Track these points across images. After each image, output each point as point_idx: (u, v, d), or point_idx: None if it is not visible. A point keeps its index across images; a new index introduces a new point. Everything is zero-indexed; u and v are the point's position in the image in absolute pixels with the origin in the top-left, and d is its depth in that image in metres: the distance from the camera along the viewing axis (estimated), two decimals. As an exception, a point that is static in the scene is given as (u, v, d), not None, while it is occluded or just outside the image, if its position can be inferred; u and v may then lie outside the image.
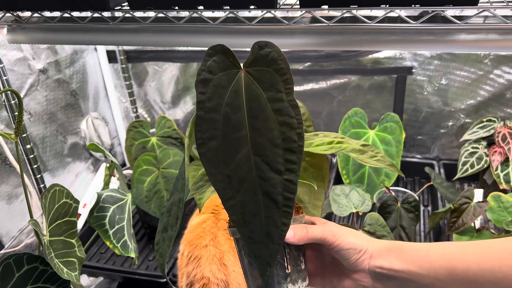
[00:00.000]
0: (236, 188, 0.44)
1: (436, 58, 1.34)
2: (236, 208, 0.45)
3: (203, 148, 0.44)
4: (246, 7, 0.71)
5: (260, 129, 0.44)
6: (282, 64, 0.45)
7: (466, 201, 1.03)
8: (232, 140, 0.44)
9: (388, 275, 0.50)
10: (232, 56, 0.45)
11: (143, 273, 1.18)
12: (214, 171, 0.44)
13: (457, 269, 0.46)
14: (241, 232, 0.45)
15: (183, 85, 1.59)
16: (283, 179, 0.45)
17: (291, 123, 0.45)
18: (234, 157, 0.44)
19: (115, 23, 0.81)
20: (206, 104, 0.44)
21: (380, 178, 1.27)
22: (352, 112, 1.30)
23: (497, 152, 1.15)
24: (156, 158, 1.26)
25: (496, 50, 1.17)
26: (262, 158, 0.44)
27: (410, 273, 0.49)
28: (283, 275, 0.49)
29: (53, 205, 0.75)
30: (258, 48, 0.45)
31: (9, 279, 0.68)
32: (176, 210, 0.46)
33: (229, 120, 0.44)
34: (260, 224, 0.45)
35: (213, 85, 0.44)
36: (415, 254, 0.49)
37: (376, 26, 0.69)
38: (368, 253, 0.51)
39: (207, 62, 0.44)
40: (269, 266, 0.45)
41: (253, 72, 0.45)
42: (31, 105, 1.23)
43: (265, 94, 0.45)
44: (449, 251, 0.48)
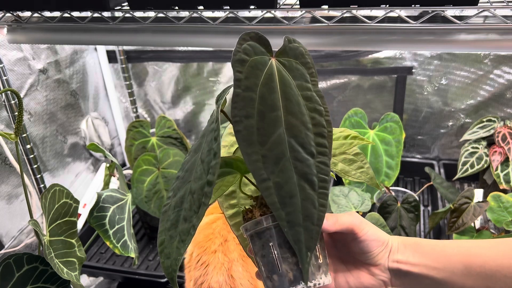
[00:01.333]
0: (271, 169, 0.43)
1: (436, 58, 1.34)
2: (272, 190, 0.43)
3: (239, 126, 0.44)
4: (246, 7, 0.71)
5: (293, 111, 0.45)
6: (308, 59, 0.47)
7: (466, 201, 1.03)
8: (268, 119, 0.44)
9: (404, 270, 0.50)
10: (265, 43, 0.46)
11: (143, 273, 1.18)
12: (250, 150, 0.43)
13: (474, 264, 0.47)
14: (278, 215, 0.43)
15: (183, 85, 1.59)
16: (316, 162, 0.45)
17: (320, 110, 0.46)
18: (269, 137, 0.44)
19: (115, 23, 0.81)
20: (243, 82, 0.44)
21: (380, 178, 1.27)
22: (352, 112, 1.30)
23: (497, 152, 1.15)
24: (156, 158, 1.26)
25: (496, 50, 1.17)
26: (296, 139, 0.44)
27: (426, 267, 0.49)
28: (316, 265, 0.46)
29: (53, 205, 0.75)
30: (287, 41, 0.48)
31: (9, 279, 0.68)
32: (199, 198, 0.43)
33: (265, 100, 0.44)
34: (297, 206, 0.43)
35: (249, 66, 0.45)
36: (432, 249, 0.50)
37: (376, 26, 0.69)
38: (389, 246, 0.51)
39: (242, 45, 0.45)
40: (309, 251, 0.43)
41: (283, 61, 0.47)
42: (31, 105, 1.23)
43: (295, 82, 0.46)
44: (466, 246, 0.49)
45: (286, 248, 0.46)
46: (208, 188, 0.42)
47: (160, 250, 0.46)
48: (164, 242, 0.46)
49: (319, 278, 0.46)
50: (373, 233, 0.50)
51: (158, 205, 1.25)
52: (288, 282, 0.46)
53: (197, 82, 1.57)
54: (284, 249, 0.46)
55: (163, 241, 0.46)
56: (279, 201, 0.43)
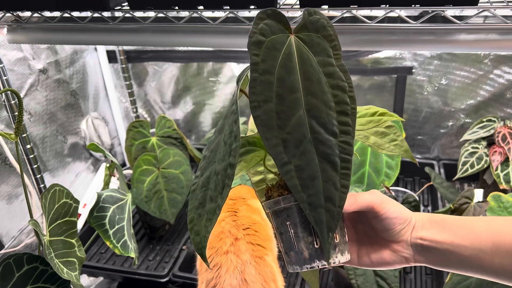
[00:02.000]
0: (292, 152, 0.43)
1: (436, 58, 1.34)
2: (293, 173, 0.43)
3: (258, 111, 0.43)
4: (246, 7, 0.71)
5: (314, 91, 0.44)
6: (330, 31, 0.45)
7: (466, 201, 1.03)
8: (287, 102, 0.43)
9: (429, 246, 0.49)
10: (283, 20, 0.45)
11: (143, 273, 1.18)
12: (269, 135, 0.43)
13: (504, 242, 0.46)
14: (299, 197, 0.43)
15: (183, 85, 1.59)
16: (338, 141, 0.44)
17: (342, 86, 0.45)
18: (289, 120, 0.43)
19: (115, 23, 0.81)
20: (259, 66, 0.43)
21: (380, 178, 1.27)
22: (352, 112, 1.30)
23: (497, 152, 1.15)
24: (156, 158, 1.26)
25: (496, 50, 1.17)
26: (317, 120, 0.44)
27: (453, 244, 0.48)
28: (332, 245, 0.47)
29: (53, 205, 0.75)
30: (307, 14, 0.45)
31: (9, 279, 0.68)
32: (222, 179, 0.43)
33: (283, 82, 0.43)
34: (319, 187, 0.43)
35: (266, 47, 0.43)
36: (460, 226, 0.49)
37: (376, 26, 0.69)
38: (412, 223, 0.50)
39: (258, 25, 0.44)
40: (331, 232, 0.43)
41: (303, 37, 0.45)
42: (31, 105, 1.23)
43: (316, 58, 0.45)
44: (496, 224, 0.48)
45: (302, 228, 0.47)
46: (231, 170, 0.42)
47: (190, 227, 0.47)
48: (194, 220, 0.47)
49: (335, 257, 0.47)
50: (394, 210, 0.49)
51: (158, 205, 1.25)
52: (303, 260, 0.47)
53: (197, 82, 1.57)
54: (300, 228, 0.47)
55: (193, 218, 0.47)
56: (300, 184, 0.43)
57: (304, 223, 0.47)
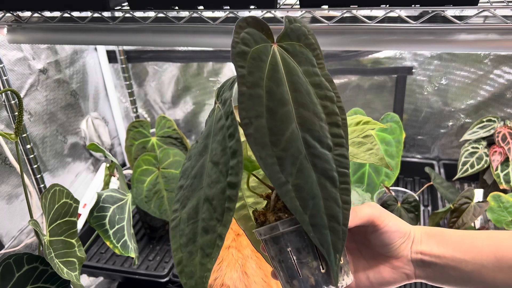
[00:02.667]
0: (288, 170, 0.39)
1: (436, 58, 1.34)
2: (292, 194, 0.39)
3: (250, 128, 0.39)
4: (246, 7, 0.71)
5: (304, 103, 0.41)
6: (312, 39, 0.43)
7: (466, 201, 1.03)
8: (279, 116, 0.40)
9: (429, 261, 0.47)
10: (264, 28, 0.42)
11: (143, 273, 1.18)
12: (264, 153, 0.39)
13: (507, 257, 0.45)
14: (301, 219, 0.40)
15: (183, 85, 1.59)
16: (334, 155, 0.41)
17: (331, 96, 0.42)
18: (282, 136, 0.40)
19: (115, 23, 0.81)
20: (247, 78, 0.39)
21: (380, 178, 1.27)
22: (352, 112, 1.30)
23: (497, 152, 1.15)
24: (156, 158, 1.26)
25: (496, 50, 1.17)
26: (311, 133, 0.41)
27: (454, 259, 0.46)
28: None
29: (53, 205, 0.75)
30: (288, 22, 0.44)
31: (9, 279, 0.68)
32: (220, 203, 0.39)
33: (273, 95, 0.40)
34: (320, 206, 0.40)
35: (251, 58, 0.40)
36: (459, 240, 0.47)
37: (376, 26, 0.69)
38: (411, 237, 0.48)
39: (240, 34, 0.41)
40: (338, 253, 0.40)
41: (286, 46, 0.43)
42: (31, 105, 1.23)
43: (301, 68, 0.42)
44: (497, 237, 0.46)
45: (305, 253, 0.44)
46: (232, 190, 0.39)
47: (179, 270, 0.41)
48: (183, 261, 0.40)
49: (342, 279, 0.44)
50: (394, 223, 0.48)
51: (158, 205, 1.25)
52: (309, 287, 0.44)
53: (197, 82, 1.57)
54: (304, 254, 0.44)
55: (181, 259, 0.41)
56: (301, 205, 0.39)
57: (307, 247, 0.43)
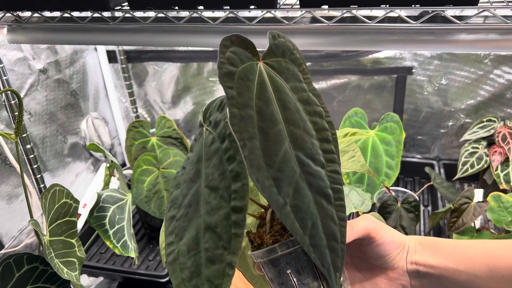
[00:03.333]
0: (286, 192, 0.39)
1: (436, 58, 1.34)
2: (291, 216, 0.38)
3: (245, 151, 0.38)
4: (246, 7, 0.71)
5: (294, 120, 0.41)
6: (297, 54, 0.43)
7: (466, 201, 1.03)
8: (271, 137, 0.39)
9: (423, 271, 0.47)
10: (249, 46, 0.42)
11: (143, 273, 1.18)
12: (260, 176, 0.38)
13: (499, 266, 0.45)
14: (302, 241, 0.39)
15: (183, 85, 1.59)
16: (327, 172, 0.41)
17: (319, 112, 0.42)
18: (276, 156, 0.39)
19: (115, 23, 0.81)
20: (236, 99, 0.39)
21: (380, 178, 1.27)
22: (352, 112, 1.30)
23: (497, 152, 1.15)
24: (156, 158, 1.26)
25: (496, 50, 1.17)
26: (304, 151, 0.40)
27: (447, 269, 0.46)
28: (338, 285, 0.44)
29: (53, 205, 0.75)
30: (272, 38, 0.43)
31: (9, 279, 0.68)
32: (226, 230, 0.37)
33: (263, 115, 0.39)
34: (318, 225, 0.39)
35: (238, 78, 0.39)
36: (452, 250, 0.47)
37: (376, 26, 0.69)
38: (406, 247, 0.48)
39: (225, 54, 0.40)
40: (338, 271, 0.40)
41: (271, 63, 0.42)
42: (31, 105, 1.23)
43: (288, 85, 0.42)
44: (490, 247, 0.46)
45: (306, 274, 0.43)
46: (238, 215, 0.37)
47: None
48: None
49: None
50: (389, 235, 0.48)
51: (158, 205, 1.25)
52: None
53: (197, 82, 1.57)
54: (304, 275, 0.43)
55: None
56: (300, 226, 0.39)
57: (307, 267, 0.43)
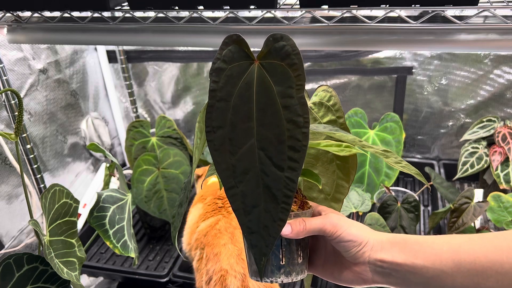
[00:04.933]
0: (239, 178, 0.45)
1: (436, 58, 1.34)
2: (237, 197, 0.46)
3: (211, 136, 0.45)
4: (246, 7, 0.71)
5: (267, 123, 0.45)
6: (295, 59, 0.44)
7: (466, 201, 1.03)
8: (239, 131, 0.45)
9: (390, 268, 0.49)
10: (247, 47, 0.45)
11: (143, 273, 1.17)
12: (220, 159, 0.45)
13: (464, 261, 0.46)
14: (240, 221, 0.46)
15: (183, 85, 1.59)
16: (284, 176, 0.45)
17: (297, 121, 0.44)
18: (240, 148, 0.45)
19: (115, 23, 0.81)
20: (217, 93, 0.45)
21: (380, 178, 1.27)
22: (352, 112, 1.30)
23: (497, 152, 1.15)
24: (156, 158, 1.26)
25: (496, 50, 1.17)
26: (266, 152, 0.45)
27: (414, 266, 0.48)
28: (276, 266, 0.50)
29: (53, 205, 0.75)
30: (272, 41, 0.44)
31: (9, 279, 0.68)
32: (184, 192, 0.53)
33: (238, 111, 0.45)
34: (258, 216, 0.46)
35: (226, 75, 0.44)
36: (420, 247, 0.49)
37: (376, 26, 0.69)
38: (369, 245, 0.50)
39: (223, 51, 0.45)
40: (264, 256, 0.47)
41: (266, 65, 0.44)
42: (31, 105, 1.23)
43: (275, 88, 0.44)
44: (456, 242, 0.48)
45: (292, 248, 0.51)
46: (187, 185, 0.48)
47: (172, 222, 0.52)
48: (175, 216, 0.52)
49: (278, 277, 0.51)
50: (348, 233, 0.50)
51: (158, 205, 1.25)
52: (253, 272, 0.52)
53: (197, 82, 1.57)
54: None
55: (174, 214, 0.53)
56: (242, 209, 0.46)
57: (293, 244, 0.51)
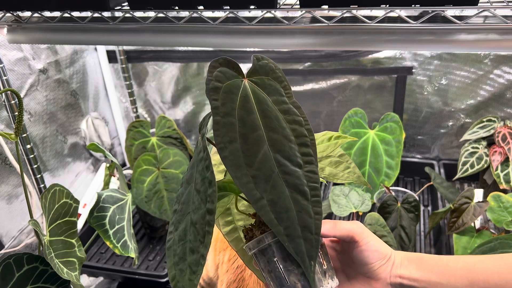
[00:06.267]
0: (263, 188, 0.45)
1: (436, 58, 1.34)
2: (267, 208, 0.45)
3: (225, 152, 0.45)
4: (246, 7, 0.71)
5: (274, 127, 0.47)
6: (278, 73, 0.49)
7: (466, 201, 1.03)
8: (251, 140, 0.46)
9: (408, 285, 0.49)
10: (235, 66, 0.48)
11: (143, 273, 1.18)
12: (239, 173, 0.45)
13: (478, 279, 0.47)
14: (276, 231, 0.45)
15: (183, 85, 1.59)
16: (304, 172, 0.46)
17: (299, 120, 0.48)
18: (255, 157, 0.45)
19: (115, 23, 0.81)
20: (220, 109, 0.45)
21: (380, 178, 1.27)
22: (352, 112, 1.30)
23: (497, 152, 1.15)
24: (156, 158, 1.26)
25: (496, 50, 1.17)
26: (282, 154, 0.46)
27: (430, 282, 0.48)
28: (321, 271, 0.48)
29: (53, 205, 0.75)
30: (256, 60, 0.49)
31: (9, 279, 0.68)
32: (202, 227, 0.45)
33: (244, 122, 0.46)
34: (294, 218, 0.45)
35: (223, 92, 0.46)
36: (435, 264, 0.49)
37: (376, 26, 0.69)
38: (391, 260, 0.50)
39: (213, 73, 0.46)
40: (312, 260, 0.45)
41: (255, 80, 0.48)
42: (31, 105, 1.23)
43: (270, 98, 0.48)
44: (470, 262, 0.49)
45: (290, 261, 0.47)
46: (210, 216, 0.44)
47: (173, 285, 0.47)
48: (176, 277, 0.47)
49: (327, 283, 0.48)
50: (374, 243, 0.50)
51: (158, 205, 1.25)
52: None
53: (197, 82, 1.57)
54: (289, 262, 0.47)
55: (175, 276, 0.47)
56: (276, 218, 0.45)
57: (291, 255, 0.47)
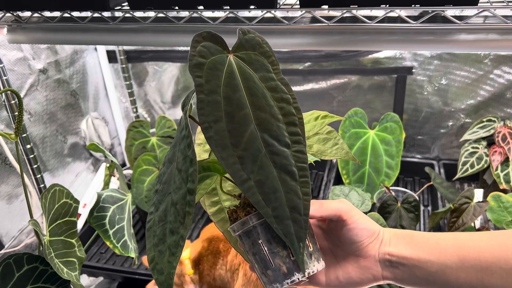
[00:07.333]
0: (250, 168, 0.43)
1: (436, 58, 1.34)
2: (254, 189, 0.43)
3: (210, 132, 0.42)
4: (246, 7, 0.71)
5: (261, 105, 0.44)
6: (266, 47, 0.46)
7: (466, 201, 1.03)
8: (237, 119, 0.43)
9: (397, 262, 0.49)
10: (219, 41, 0.45)
11: (143, 273, 1.17)
12: (225, 154, 0.43)
13: (469, 256, 0.46)
14: (264, 212, 0.43)
15: (183, 85, 1.59)
16: (292, 152, 0.44)
17: (286, 98, 0.46)
18: (242, 137, 0.43)
19: (115, 23, 0.81)
20: (204, 87, 0.43)
21: (380, 178, 1.27)
22: (352, 112, 1.30)
23: (497, 152, 1.15)
24: (156, 158, 1.26)
25: (496, 50, 1.17)
26: (269, 133, 0.44)
27: (419, 259, 0.48)
28: (307, 254, 0.47)
29: (53, 205, 0.75)
30: (242, 34, 0.46)
31: (9, 279, 0.68)
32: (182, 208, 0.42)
33: (230, 100, 0.43)
34: (282, 199, 0.43)
35: (207, 68, 0.43)
36: (425, 241, 0.49)
37: (376, 26, 0.69)
38: (380, 237, 0.50)
39: (196, 48, 0.44)
40: (301, 241, 0.43)
41: (241, 55, 0.46)
42: (31, 105, 1.23)
43: (257, 75, 0.45)
44: (461, 239, 0.48)
45: (275, 243, 0.46)
46: (190, 196, 0.42)
47: (151, 267, 0.45)
48: (155, 259, 0.45)
49: (312, 266, 0.47)
50: (363, 221, 0.49)
51: (158, 205, 1.25)
52: (282, 276, 0.46)
53: (197, 82, 1.57)
54: (274, 244, 0.46)
55: (153, 257, 0.45)
56: (263, 199, 0.43)
57: (276, 237, 0.46)
